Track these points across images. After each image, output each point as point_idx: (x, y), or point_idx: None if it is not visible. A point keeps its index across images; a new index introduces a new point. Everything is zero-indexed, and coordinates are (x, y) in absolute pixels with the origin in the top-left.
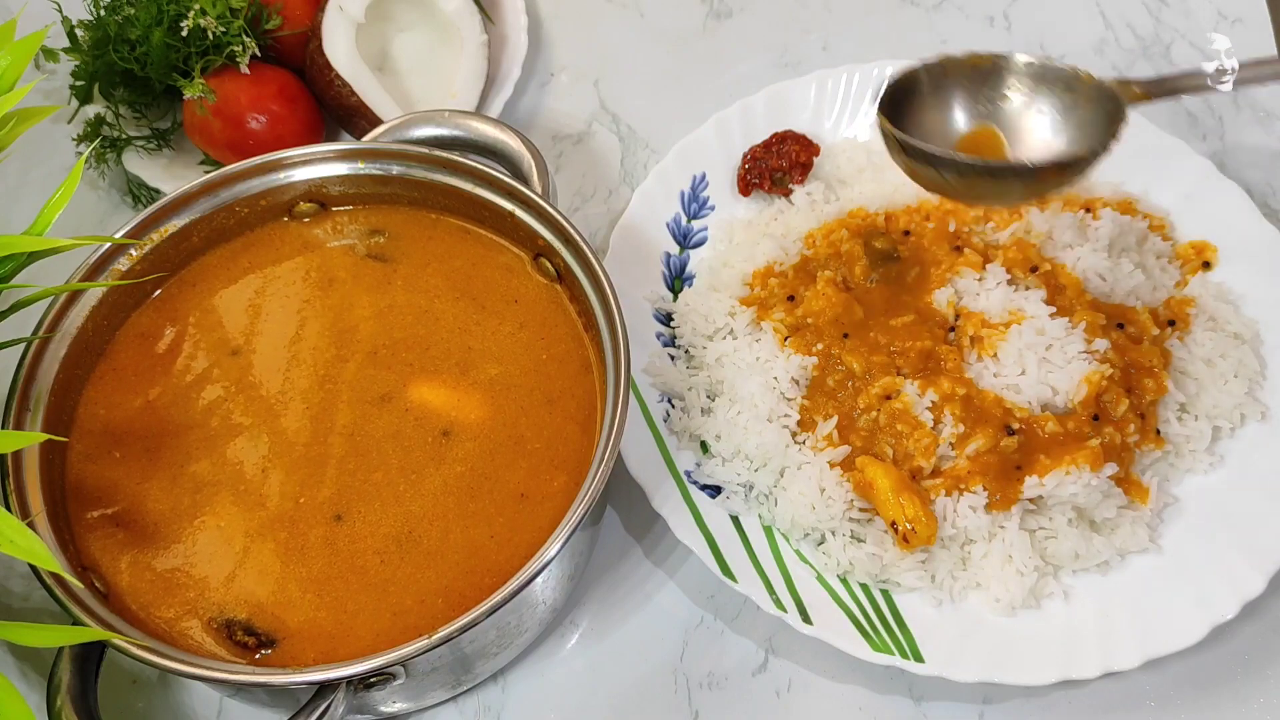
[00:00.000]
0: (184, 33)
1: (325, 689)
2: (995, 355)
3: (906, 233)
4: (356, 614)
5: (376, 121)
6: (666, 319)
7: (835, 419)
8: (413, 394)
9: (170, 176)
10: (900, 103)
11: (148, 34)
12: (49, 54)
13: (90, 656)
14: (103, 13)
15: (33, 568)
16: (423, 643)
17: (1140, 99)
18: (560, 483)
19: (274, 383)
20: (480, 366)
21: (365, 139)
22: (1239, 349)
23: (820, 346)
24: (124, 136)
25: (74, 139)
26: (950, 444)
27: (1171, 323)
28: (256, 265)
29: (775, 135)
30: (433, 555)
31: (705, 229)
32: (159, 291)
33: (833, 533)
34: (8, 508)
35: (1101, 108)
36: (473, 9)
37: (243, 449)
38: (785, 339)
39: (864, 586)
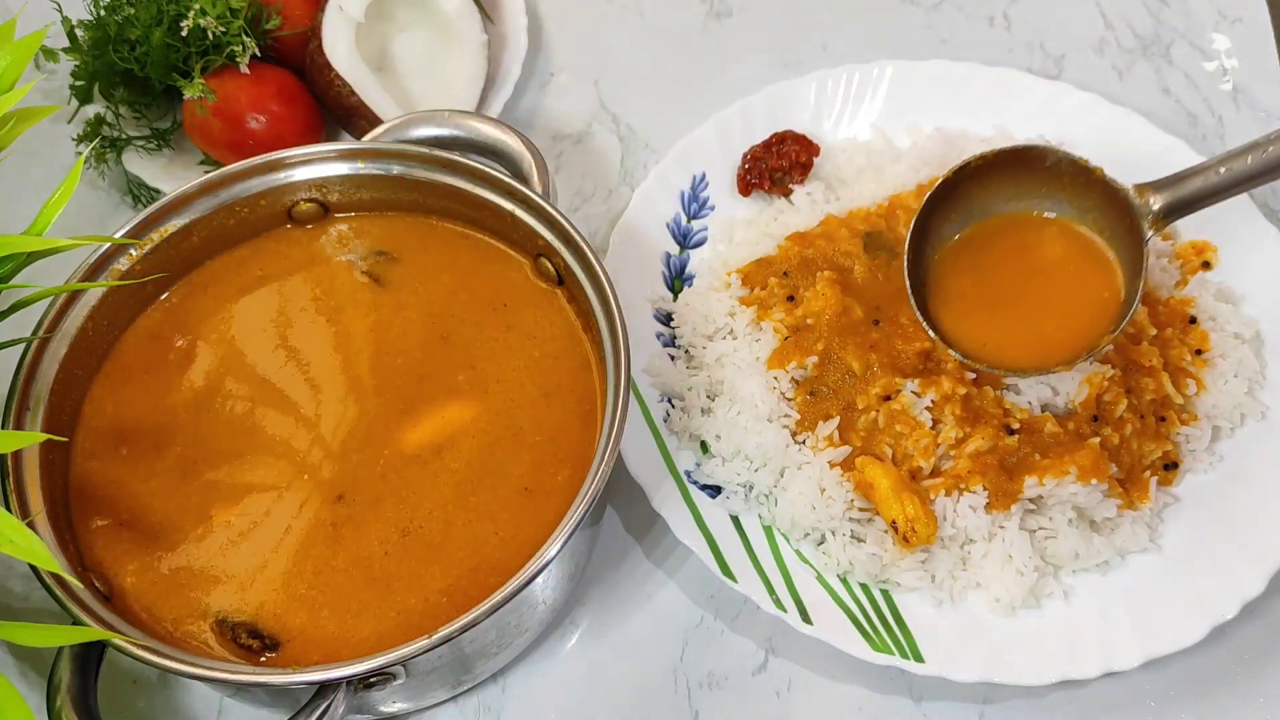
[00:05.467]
0: (184, 33)
1: (325, 689)
2: None
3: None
4: (360, 613)
5: (376, 121)
6: (666, 319)
7: (836, 419)
8: (408, 398)
9: (170, 176)
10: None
11: (148, 34)
12: (49, 54)
13: (90, 656)
14: (103, 13)
15: (33, 567)
16: (422, 642)
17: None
18: (564, 476)
19: (279, 386)
20: (472, 367)
21: (365, 139)
22: (1239, 349)
23: (821, 346)
24: (124, 136)
25: (74, 139)
26: (950, 445)
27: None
28: (264, 271)
29: (775, 135)
30: (436, 550)
31: (705, 229)
32: (168, 293)
33: (833, 533)
34: (8, 508)
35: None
36: (473, 9)
37: (248, 448)
38: (785, 339)
39: (864, 586)
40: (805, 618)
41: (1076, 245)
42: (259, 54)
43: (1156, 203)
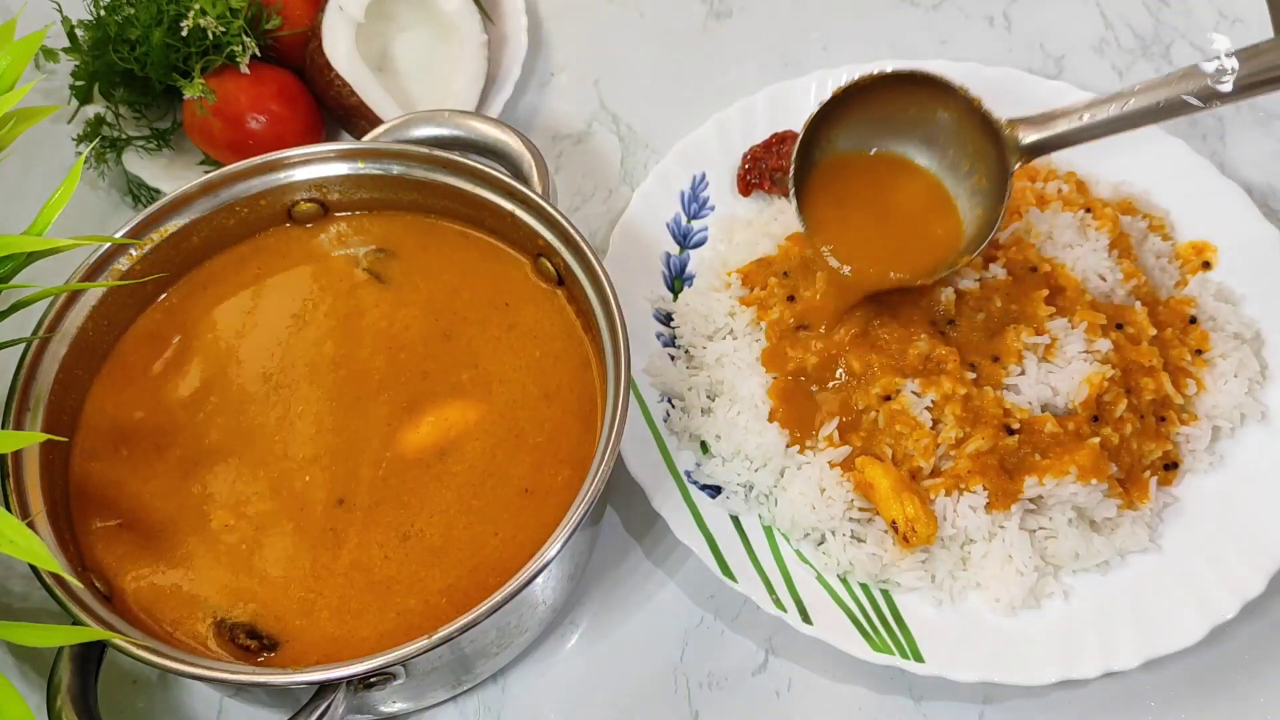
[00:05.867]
0: (184, 33)
1: (325, 689)
2: (995, 356)
3: None
4: (361, 614)
5: (376, 121)
6: (666, 319)
7: (836, 419)
8: (412, 396)
9: (170, 176)
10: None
11: (148, 34)
12: (49, 54)
13: (90, 656)
14: (103, 13)
15: (33, 567)
16: (422, 643)
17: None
18: (564, 477)
19: (280, 387)
20: (475, 366)
21: (365, 139)
22: (1239, 349)
23: (819, 346)
24: (124, 136)
25: (74, 139)
26: (950, 445)
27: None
28: (264, 272)
29: (775, 135)
30: (437, 552)
31: (705, 229)
32: (168, 293)
33: (833, 533)
34: (8, 508)
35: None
36: (473, 9)
37: (249, 449)
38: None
39: (864, 586)
40: (805, 618)
41: (924, 188)
42: (259, 54)
43: (1025, 138)
